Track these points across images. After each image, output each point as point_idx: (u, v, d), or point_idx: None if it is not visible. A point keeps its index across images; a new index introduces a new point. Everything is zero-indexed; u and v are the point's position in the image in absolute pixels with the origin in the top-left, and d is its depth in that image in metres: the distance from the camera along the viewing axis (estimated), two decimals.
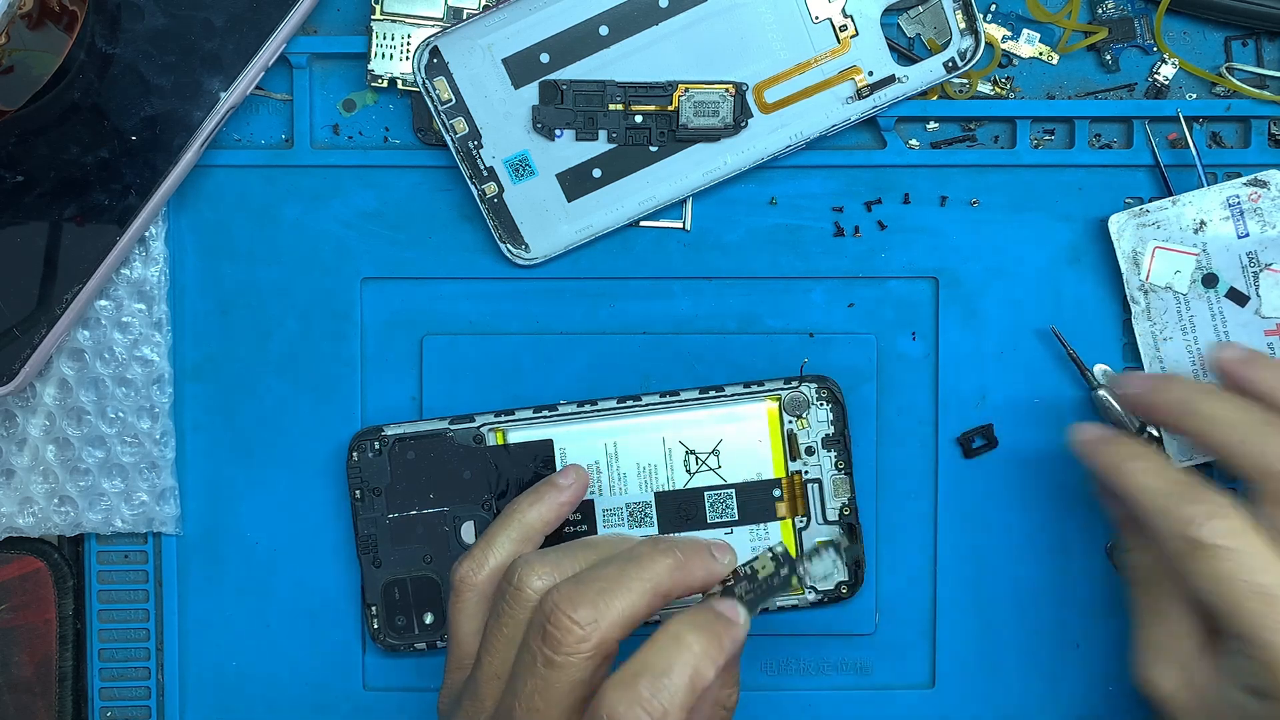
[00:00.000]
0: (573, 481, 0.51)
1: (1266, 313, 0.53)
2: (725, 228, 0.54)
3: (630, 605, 0.43)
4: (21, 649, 0.55)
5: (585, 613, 0.42)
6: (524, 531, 0.49)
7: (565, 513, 0.50)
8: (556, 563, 0.45)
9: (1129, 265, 0.53)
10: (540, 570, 0.45)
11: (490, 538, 0.49)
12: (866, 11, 0.52)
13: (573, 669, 0.42)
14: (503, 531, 0.49)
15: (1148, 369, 0.54)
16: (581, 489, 0.51)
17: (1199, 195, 0.53)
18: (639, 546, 0.45)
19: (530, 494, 0.50)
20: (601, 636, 0.42)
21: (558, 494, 0.50)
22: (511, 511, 0.50)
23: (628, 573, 0.44)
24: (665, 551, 0.44)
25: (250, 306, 0.54)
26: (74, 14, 0.49)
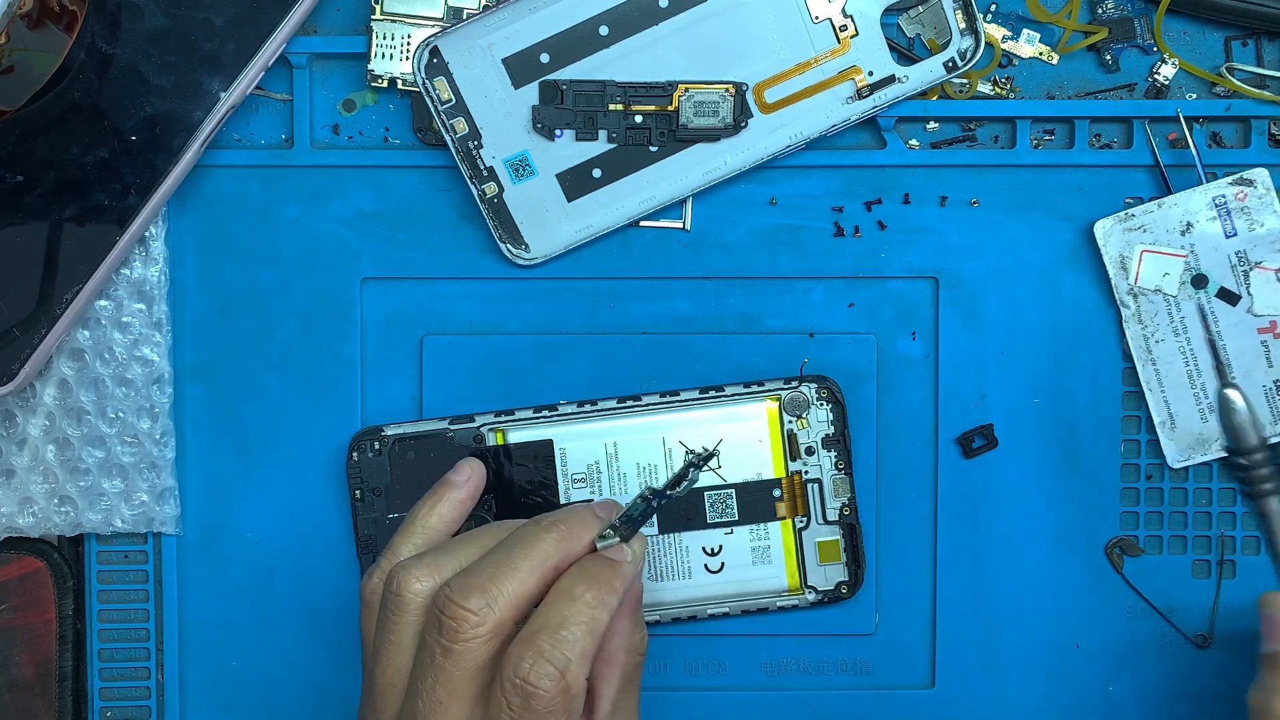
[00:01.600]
0: (468, 477, 0.51)
1: (1259, 311, 0.53)
2: (725, 228, 0.54)
3: (521, 584, 0.44)
4: (21, 649, 0.55)
5: (476, 599, 0.43)
6: (427, 536, 0.49)
7: (466, 509, 0.50)
8: (434, 563, 0.45)
9: (1117, 270, 0.53)
10: (418, 574, 0.45)
11: (393, 547, 0.48)
12: (866, 11, 0.52)
13: (470, 656, 0.43)
14: (405, 539, 0.48)
15: (1140, 372, 0.54)
16: (479, 483, 0.51)
17: (1184, 197, 0.53)
18: (523, 528, 0.46)
19: (429, 496, 0.50)
20: (496, 619, 0.43)
21: (455, 492, 0.50)
22: (411, 517, 0.49)
23: (514, 554, 0.44)
24: (548, 527, 0.45)
25: (250, 306, 0.54)
26: (74, 14, 0.49)
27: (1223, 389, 0.52)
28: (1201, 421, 0.54)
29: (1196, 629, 0.55)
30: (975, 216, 0.54)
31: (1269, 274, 0.53)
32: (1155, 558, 0.55)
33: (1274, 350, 0.53)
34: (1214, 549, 0.55)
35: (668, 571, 0.54)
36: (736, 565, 0.54)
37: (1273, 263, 0.53)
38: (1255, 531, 0.55)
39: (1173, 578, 0.55)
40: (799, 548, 0.54)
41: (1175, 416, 0.54)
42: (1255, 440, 0.52)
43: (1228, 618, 0.55)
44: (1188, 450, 0.54)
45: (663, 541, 0.53)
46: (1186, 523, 0.55)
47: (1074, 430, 0.54)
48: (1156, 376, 0.54)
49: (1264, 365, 0.53)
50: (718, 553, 0.54)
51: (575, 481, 0.53)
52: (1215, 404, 0.52)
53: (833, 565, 0.54)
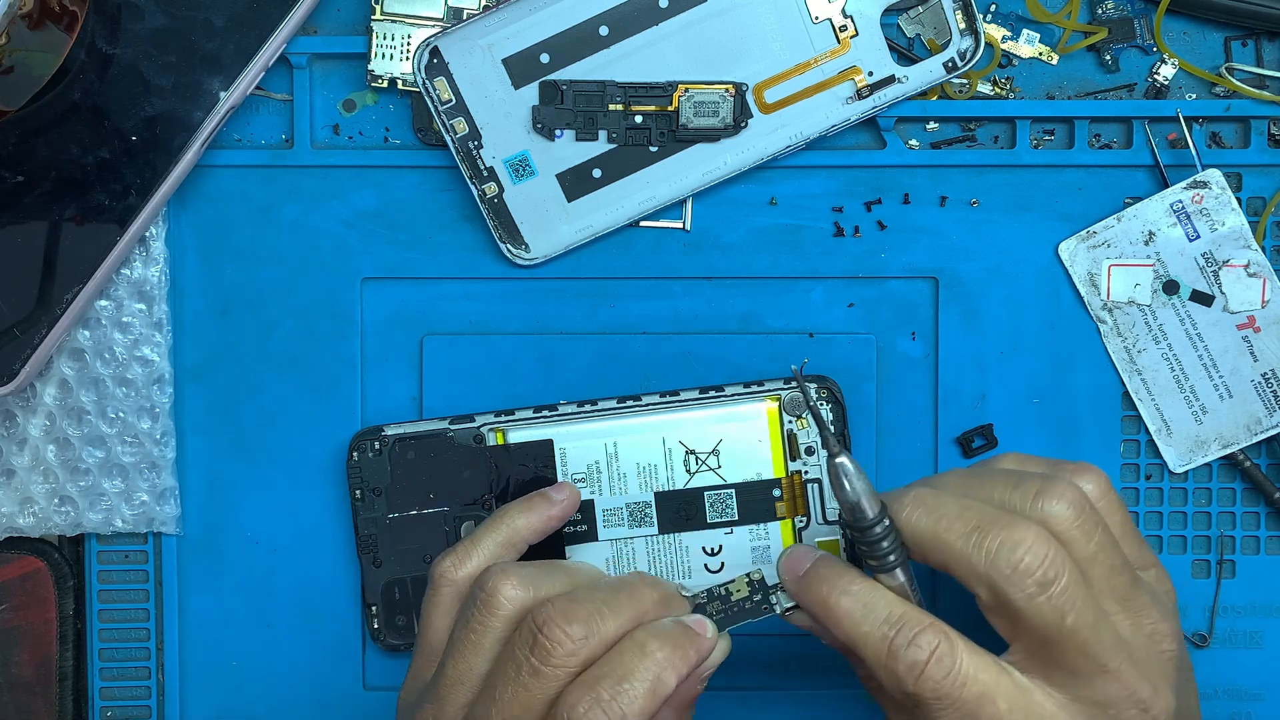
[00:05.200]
0: (565, 498, 0.51)
1: (1234, 308, 0.53)
2: (725, 228, 0.54)
3: (618, 629, 0.43)
4: (21, 649, 0.55)
5: (578, 629, 0.43)
6: (510, 537, 0.49)
7: (553, 527, 0.50)
8: (532, 578, 0.45)
9: (1087, 288, 0.53)
10: (515, 581, 0.45)
11: (476, 538, 0.48)
12: (866, 11, 0.52)
13: (555, 681, 0.42)
14: (490, 534, 0.49)
15: (1126, 383, 0.54)
16: (572, 507, 0.51)
17: (1143, 207, 0.53)
18: (628, 576, 0.46)
19: (522, 502, 0.50)
20: (590, 654, 0.43)
21: (549, 507, 0.50)
22: (501, 516, 0.49)
23: (620, 598, 0.44)
24: (653, 585, 0.46)
25: (250, 306, 0.54)
26: (74, 14, 0.49)
27: (832, 459, 0.44)
28: (1196, 424, 0.54)
29: (1196, 629, 0.55)
30: (975, 216, 0.54)
31: (1238, 270, 0.53)
32: None
33: (1256, 344, 0.53)
34: (1214, 549, 0.55)
35: (668, 571, 0.54)
36: (736, 565, 0.54)
37: (1240, 259, 0.53)
38: (1255, 531, 0.55)
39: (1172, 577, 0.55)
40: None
41: (1170, 422, 0.54)
42: (876, 510, 0.44)
43: (1227, 617, 0.55)
44: (1187, 454, 0.54)
45: (663, 541, 0.54)
46: (1186, 523, 0.55)
47: (1074, 430, 0.54)
48: (1145, 386, 0.54)
49: (1249, 360, 0.53)
50: (718, 553, 0.54)
51: (575, 481, 0.53)
52: (827, 476, 0.45)
53: None
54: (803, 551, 0.46)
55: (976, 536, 0.42)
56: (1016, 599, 0.42)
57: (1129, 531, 0.46)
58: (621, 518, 0.53)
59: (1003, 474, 0.45)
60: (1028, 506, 0.43)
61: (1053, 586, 0.41)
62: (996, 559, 0.42)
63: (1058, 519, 0.43)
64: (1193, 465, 0.54)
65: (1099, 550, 0.43)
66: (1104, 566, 0.43)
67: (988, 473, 0.46)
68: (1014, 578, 0.42)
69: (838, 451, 0.44)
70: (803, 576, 0.45)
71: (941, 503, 0.43)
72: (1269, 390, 0.53)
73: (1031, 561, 0.41)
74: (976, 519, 0.43)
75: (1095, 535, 0.43)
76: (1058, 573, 0.42)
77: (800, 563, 0.45)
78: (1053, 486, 0.43)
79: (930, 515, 0.43)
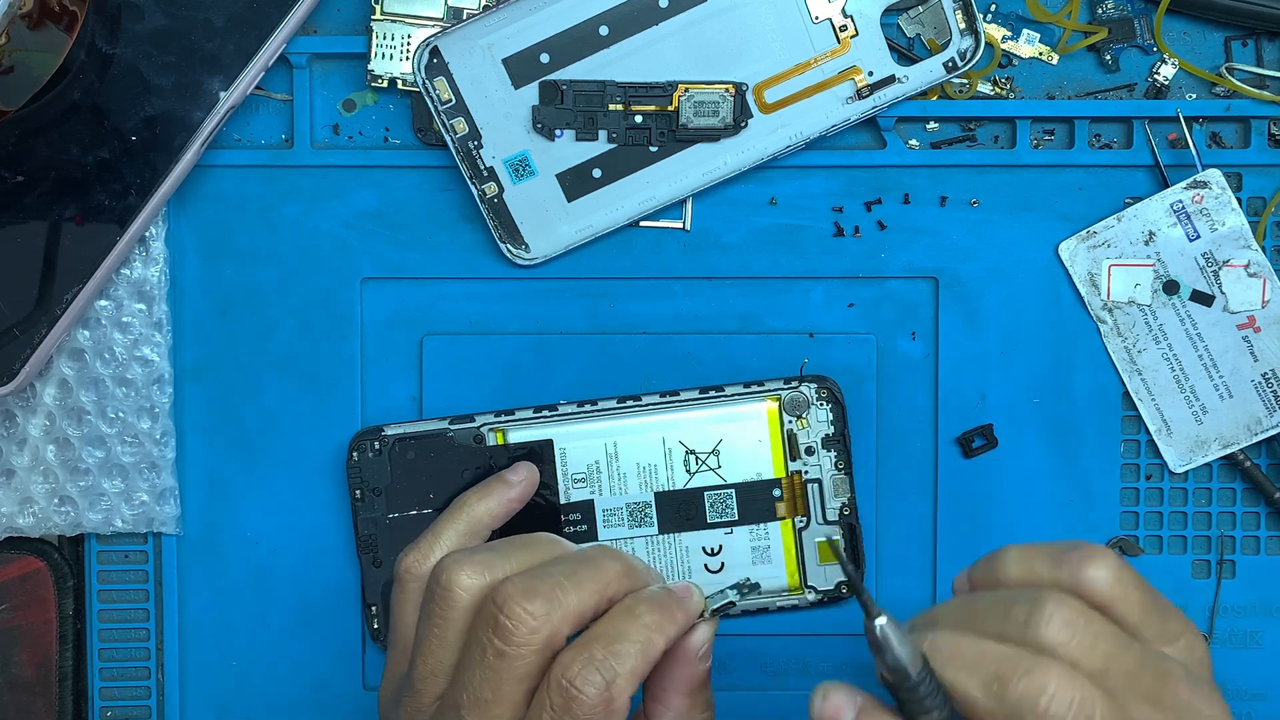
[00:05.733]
0: (523, 479, 0.51)
1: (1234, 308, 0.53)
2: (725, 228, 0.54)
3: (581, 602, 0.43)
4: (21, 649, 0.55)
5: (539, 605, 0.42)
6: (471, 525, 0.50)
7: (513, 509, 0.51)
8: (486, 561, 0.45)
9: (1088, 288, 0.53)
10: (469, 569, 0.44)
11: (436, 530, 0.49)
12: (866, 11, 0.52)
13: (522, 661, 0.42)
14: (450, 524, 0.49)
15: (1126, 383, 0.54)
16: (531, 487, 0.52)
17: (1143, 207, 0.53)
18: (589, 549, 0.45)
19: (480, 489, 0.51)
20: (553, 629, 0.42)
21: (507, 490, 0.51)
22: (460, 505, 0.50)
23: (581, 571, 0.44)
24: (614, 556, 0.45)
25: (250, 306, 0.54)
26: (74, 14, 0.49)
27: (871, 621, 0.40)
28: (1196, 424, 0.54)
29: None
30: (975, 216, 0.54)
31: (1239, 270, 0.53)
32: (1155, 558, 0.55)
33: (1256, 345, 0.53)
34: (1214, 549, 0.55)
35: (668, 571, 0.54)
36: (736, 565, 0.54)
37: (1240, 259, 0.53)
38: (1255, 531, 0.55)
39: (1173, 578, 0.55)
40: (799, 548, 0.54)
41: (1170, 422, 0.54)
42: (919, 667, 0.40)
43: (1227, 617, 0.55)
44: (1188, 454, 0.54)
45: (663, 541, 0.54)
46: (1186, 523, 0.55)
47: (1074, 430, 0.54)
48: (1145, 386, 0.54)
49: (1249, 360, 0.53)
50: (718, 553, 0.54)
51: (575, 481, 0.53)
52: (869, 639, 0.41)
53: (833, 565, 0.54)
54: (842, 695, 0.41)
55: (997, 687, 0.39)
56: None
57: (1151, 609, 0.43)
58: (621, 518, 0.53)
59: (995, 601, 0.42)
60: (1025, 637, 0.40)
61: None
62: (1020, 709, 0.39)
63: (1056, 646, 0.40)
64: (1193, 465, 0.54)
65: (1108, 661, 0.40)
66: (1121, 674, 0.40)
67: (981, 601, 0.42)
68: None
69: (878, 613, 0.40)
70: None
71: (958, 651, 0.40)
72: (1269, 390, 0.53)
73: (1057, 709, 0.38)
74: (995, 666, 0.39)
75: (1099, 645, 0.40)
76: (1089, 715, 0.38)
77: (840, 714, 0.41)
78: (1039, 609, 0.40)
79: (949, 667, 0.40)
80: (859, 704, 0.41)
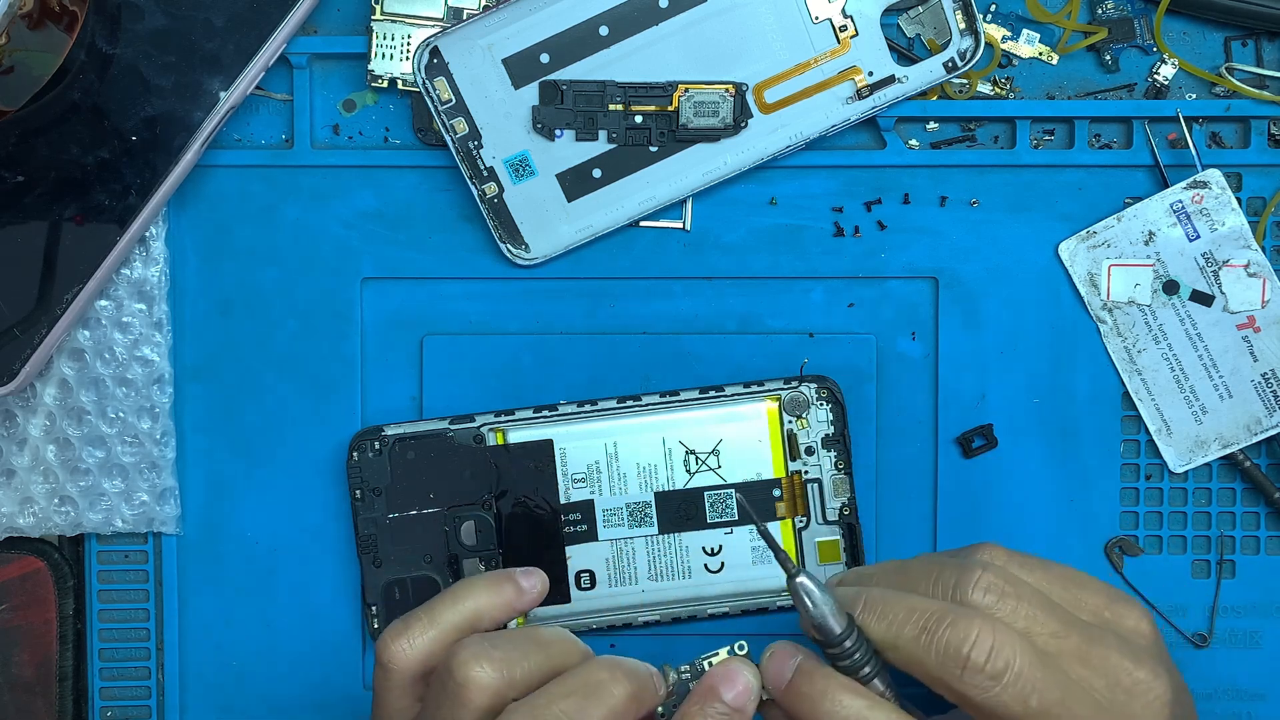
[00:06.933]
0: (535, 588, 0.47)
1: (1234, 308, 0.53)
2: (725, 228, 0.54)
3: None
4: (21, 649, 0.55)
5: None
6: (474, 622, 0.46)
7: (515, 615, 0.47)
8: (507, 660, 0.42)
9: (1087, 288, 0.53)
10: (488, 666, 0.42)
11: (433, 615, 0.45)
12: (866, 11, 0.52)
13: None
14: (448, 612, 0.45)
15: (1126, 383, 0.54)
16: (539, 599, 0.48)
17: (1143, 207, 0.53)
18: (595, 672, 0.43)
19: (489, 582, 0.47)
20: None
21: (517, 595, 0.47)
22: (465, 592, 0.46)
23: (588, 710, 0.42)
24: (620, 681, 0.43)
25: (250, 306, 0.54)
26: (74, 14, 0.49)
27: (791, 580, 0.42)
28: (1196, 424, 0.54)
29: (1196, 629, 0.55)
30: (975, 216, 0.54)
31: (1238, 270, 0.53)
32: (1155, 558, 0.55)
33: (1256, 345, 0.53)
34: (1213, 549, 0.55)
35: (668, 571, 0.54)
36: (736, 565, 0.54)
37: (1240, 259, 0.53)
38: (1255, 531, 0.55)
39: (1172, 577, 0.55)
40: (799, 548, 0.54)
41: (1170, 422, 0.54)
42: (843, 624, 0.42)
43: (1227, 617, 0.55)
44: (1187, 454, 0.54)
45: (662, 541, 0.54)
46: (1186, 523, 0.55)
47: (1074, 430, 0.54)
48: (1145, 386, 0.54)
49: (1249, 361, 0.53)
50: (718, 552, 0.54)
51: (575, 481, 0.53)
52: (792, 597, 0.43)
53: (832, 565, 0.54)
54: (783, 654, 0.43)
55: (925, 638, 0.41)
56: (975, 696, 0.40)
57: (1069, 579, 0.44)
58: (621, 518, 0.53)
59: (927, 565, 0.44)
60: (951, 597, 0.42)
61: (1005, 675, 0.40)
62: (945, 659, 0.41)
63: (982, 608, 0.42)
64: (1193, 465, 0.54)
65: (1030, 622, 0.42)
66: (1044, 635, 0.42)
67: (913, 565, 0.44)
68: (966, 676, 0.40)
69: (795, 571, 0.42)
70: (786, 689, 0.43)
71: (890, 606, 0.42)
72: (1269, 390, 0.53)
73: (978, 655, 0.40)
74: (922, 620, 0.41)
75: (1022, 608, 0.42)
76: (1008, 661, 0.40)
77: (782, 671, 0.43)
78: (968, 573, 0.42)
79: (882, 621, 0.42)
80: (798, 661, 0.43)
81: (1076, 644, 0.42)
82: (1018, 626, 0.42)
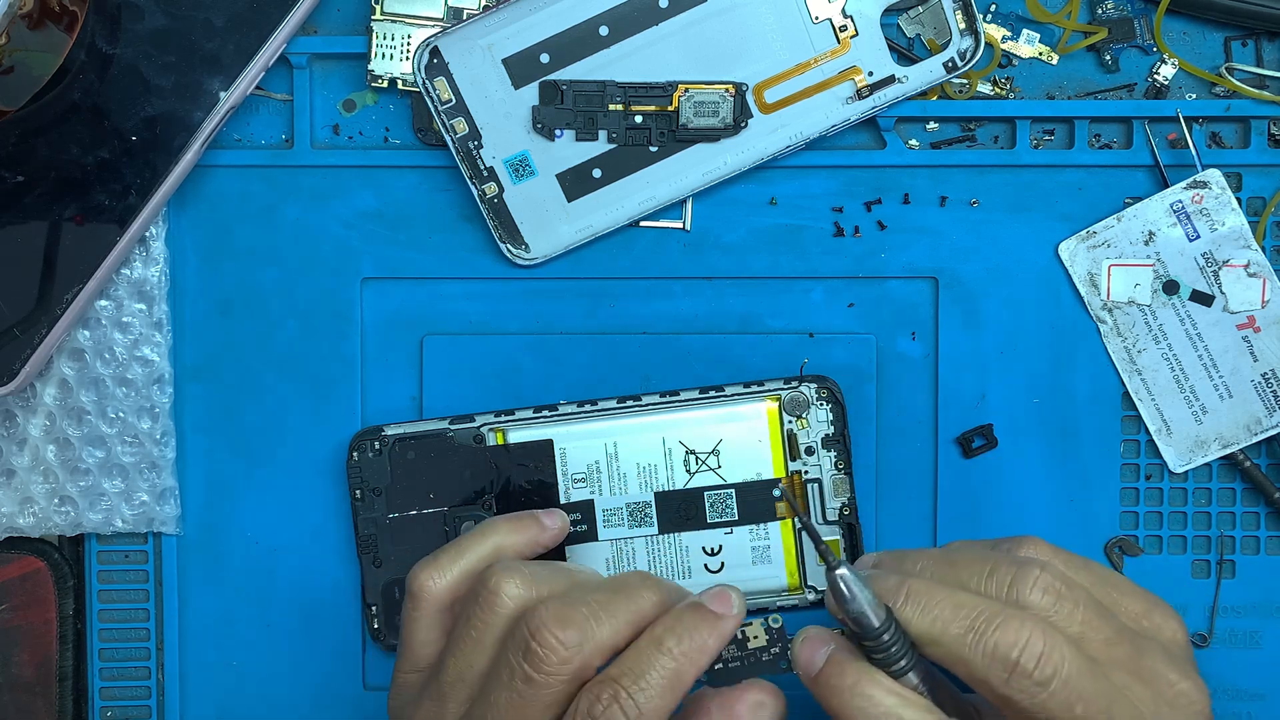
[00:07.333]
0: (557, 526, 0.50)
1: (1234, 308, 0.53)
2: (725, 228, 0.54)
3: (614, 633, 0.43)
4: (21, 649, 0.55)
5: (572, 635, 0.42)
6: (497, 554, 0.48)
7: (537, 552, 0.49)
8: (535, 577, 0.44)
9: (1087, 288, 0.53)
10: (518, 580, 0.44)
11: (460, 549, 0.47)
12: (866, 11, 0.52)
13: (550, 690, 0.42)
14: (475, 547, 0.47)
15: (1126, 383, 0.54)
16: (560, 537, 0.50)
17: (1143, 207, 0.53)
18: (626, 577, 0.44)
19: (512, 519, 0.49)
20: (584, 661, 0.42)
21: (540, 532, 0.49)
22: (490, 530, 0.48)
23: (615, 601, 0.43)
24: (651, 587, 0.44)
25: (250, 306, 0.54)
26: (74, 14, 0.49)
27: (830, 571, 0.42)
28: (1196, 424, 0.54)
29: (1196, 629, 0.55)
30: (975, 216, 0.54)
31: (1238, 270, 0.53)
32: (1155, 558, 0.55)
33: (1256, 345, 0.53)
34: (1213, 549, 0.55)
35: (668, 571, 0.54)
36: (736, 565, 0.54)
37: (1240, 259, 0.53)
38: (1255, 531, 0.55)
39: (1172, 578, 0.55)
40: (799, 547, 0.54)
41: (1170, 422, 0.54)
42: (882, 617, 0.41)
43: (1227, 617, 0.55)
44: (1187, 454, 0.54)
45: (663, 541, 0.54)
46: (1186, 523, 0.55)
47: (1074, 430, 0.54)
48: (1145, 386, 0.54)
49: (1249, 361, 0.53)
50: (718, 552, 0.54)
51: (575, 481, 0.53)
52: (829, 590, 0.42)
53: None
54: (815, 640, 0.43)
55: (971, 636, 0.40)
56: (1020, 701, 0.40)
57: (1109, 583, 0.44)
58: (621, 518, 0.53)
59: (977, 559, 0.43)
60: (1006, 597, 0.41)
61: (1052, 682, 0.40)
62: (993, 661, 0.40)
63: (1037, 609, 0.41)
64: (1193, 465, 0.54)
65: (1085, 627, 0.41)
66: (1098, 642, 0.41)
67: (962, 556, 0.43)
68: (1013, 680, 0.40)
69: (836, 564, 0.42)
70: (816, 678, 0.42)
71: (935, 599, 0.41)
72: (1269, 390, 0.53)
73: (1027, 660, 0.40)
74: (970, 618, 0.40)
75: (1078, 613, 0.41)
76: (1056, 667, 0.40)
77: (813, 659, 0.43)
78: (1024, 573, 0.41)
79: (926, 616, 0.41)
80: (830, 650, 0.42)
81: (1127, 653, 0.41)
82: (1071, 631, 0.41)
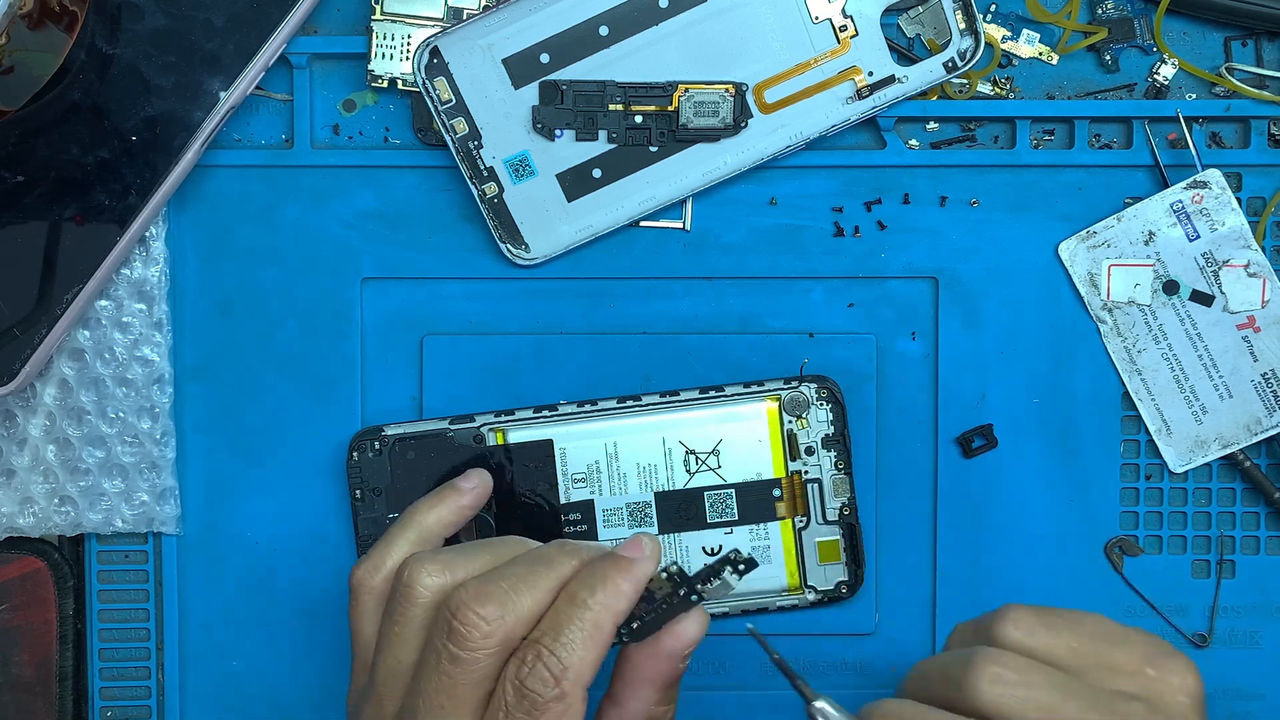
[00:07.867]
0: (475, 485, 0.50)
1: (1234, 308, 0.53)
2: (725, 228, 0.54)
3: (536, 602, 0.43)
4: (21, 649, 0.55)
5: (492, 609, 0.42)
6: (421, 534, 0.49)
7: (466, 516, 0.50)
8: (449, 562, 0.44)
9: (1087, 288, 0.53)
10: (431, 569, 0.44)
11: (388, 540, 0.48)
12: (866, 11, 0.52)
13: (477, 666, 0.42)
14: (400, 534, 0.48)
15: (1126, 383, 0.54)
16: (484, 494, 0.51)
17: (1143, 207, 0.53)
18: (546, 548, 0.45)
19: (431, 497, 0.50)
20: (506, 633, 0.42)
21: (458, 498, 0.50)
22: (410, 514, 0.49)
23: (535, 571, 0.43)
24: (571, 553, 0.44)
25: (250, 306, 0.54)
26: (74, 14, 0.49)
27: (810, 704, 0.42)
28: (1196, 424, 0.54)
29: (1196, 629, 0.55)
30: (975, 216, 0.54)
31: (1238, 270, 0.53)
32: (1155, 558, 0.55)
33: (1256, 345, 0.53)
34: (1213, 549, 0.55)
35: None
36: None
37: (1240, 259, 0.53)
38: (1255, 531, 0.55)
39: (1172, 578, 0.55)
40: (799, 548, 0.54)
41: (1170, 422, 0.54)
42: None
43: (1227, 617, 0.55)
44: (1187, 454, 0.54)
45: (663, 541, 0.54)
46: (1186, 523, 0.55)
47: (1074, 430, 0.54)
48: (1145, 386, 0.54)
49: (1249, 361, 0.53)
50: (717, 553, 0.54)
51: (575, 481, 0.53)
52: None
53: (832, 565, 0.54)
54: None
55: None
56: None
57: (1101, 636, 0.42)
58: (621, 518, 0.53)
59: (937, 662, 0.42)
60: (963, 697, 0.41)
61: None
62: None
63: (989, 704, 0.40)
64: (1193, 465, 0.54)
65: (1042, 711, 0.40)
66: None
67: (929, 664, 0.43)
68: None
69: (815, 696, 0.42)
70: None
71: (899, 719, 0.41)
72: (1269, 390, 0.53)
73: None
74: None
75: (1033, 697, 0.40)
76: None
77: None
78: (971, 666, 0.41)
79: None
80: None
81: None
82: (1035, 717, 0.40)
